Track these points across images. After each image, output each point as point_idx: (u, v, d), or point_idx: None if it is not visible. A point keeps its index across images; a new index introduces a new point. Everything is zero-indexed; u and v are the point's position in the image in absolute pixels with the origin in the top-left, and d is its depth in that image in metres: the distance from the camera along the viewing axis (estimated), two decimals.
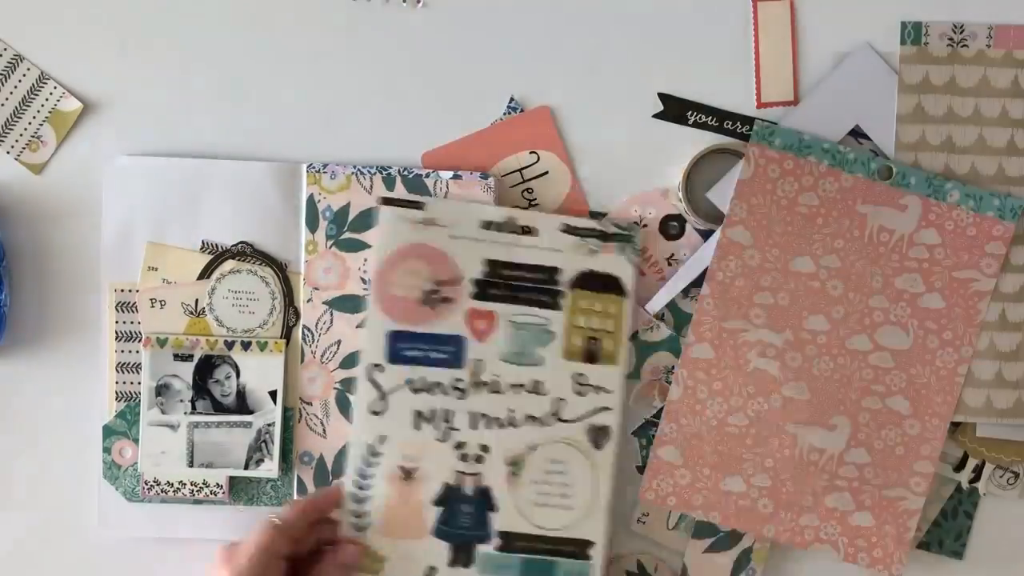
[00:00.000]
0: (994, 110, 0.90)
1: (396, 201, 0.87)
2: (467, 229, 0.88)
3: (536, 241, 0.88)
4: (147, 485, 0.90)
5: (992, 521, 0.93)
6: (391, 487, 0.87)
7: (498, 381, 0.88)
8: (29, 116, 0.89)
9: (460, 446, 0.88)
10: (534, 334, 0.88)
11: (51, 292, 0.91)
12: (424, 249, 0.88)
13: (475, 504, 0.88)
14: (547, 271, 0.88)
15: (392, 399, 0.87)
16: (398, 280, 0.87)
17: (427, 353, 0.88)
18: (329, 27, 0.90)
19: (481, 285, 0.88)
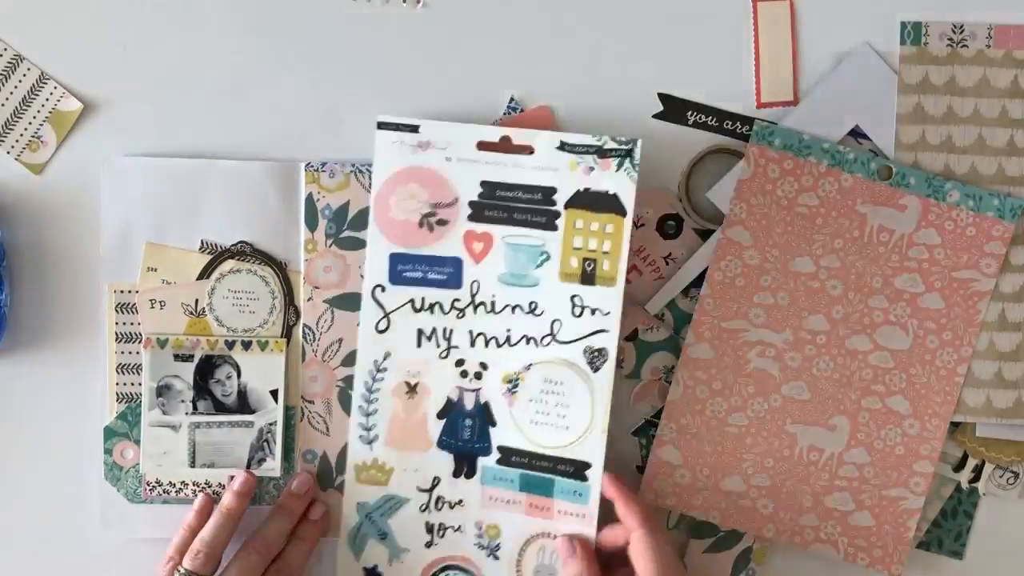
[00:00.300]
0: (994, 110, 0.89)
1: (392, 125, 0.87)
2: (463, 150, 0.87)
3: (532, 160, 0.87)
4: (149, 486, 0.90)
5: (992, 521, 0.93)
6: (397, 401, 0.89)
7: (495, 302, 0.88)
8: (29, 116, 0.89)
9: (460, 363, 0.89)
10: (530, 255, 0.88)
11: (51, 292, 0.90)
12: (421, 172, 0.87)
13: (476, 418, 0.89)
14: (543, 191, 0.87)
15: (395, 317, 0.88)
16: (397, 203, 0.87)
17: (426, 274, 0.88)
18: (329, 27, 0.90)
19: (477, 207, 0.88)
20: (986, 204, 0.89)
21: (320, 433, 0.90)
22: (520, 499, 0.89)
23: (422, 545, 0.90)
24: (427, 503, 0.89)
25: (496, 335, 0.88)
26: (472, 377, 0.89)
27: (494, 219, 0.88)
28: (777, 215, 0.89)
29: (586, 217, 0.87)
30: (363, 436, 0.89)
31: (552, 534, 0.89)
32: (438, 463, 0.89)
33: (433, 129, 0.87)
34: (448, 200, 0.87)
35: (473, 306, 0.88)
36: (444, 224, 0.88)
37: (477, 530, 0.90)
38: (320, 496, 0.91)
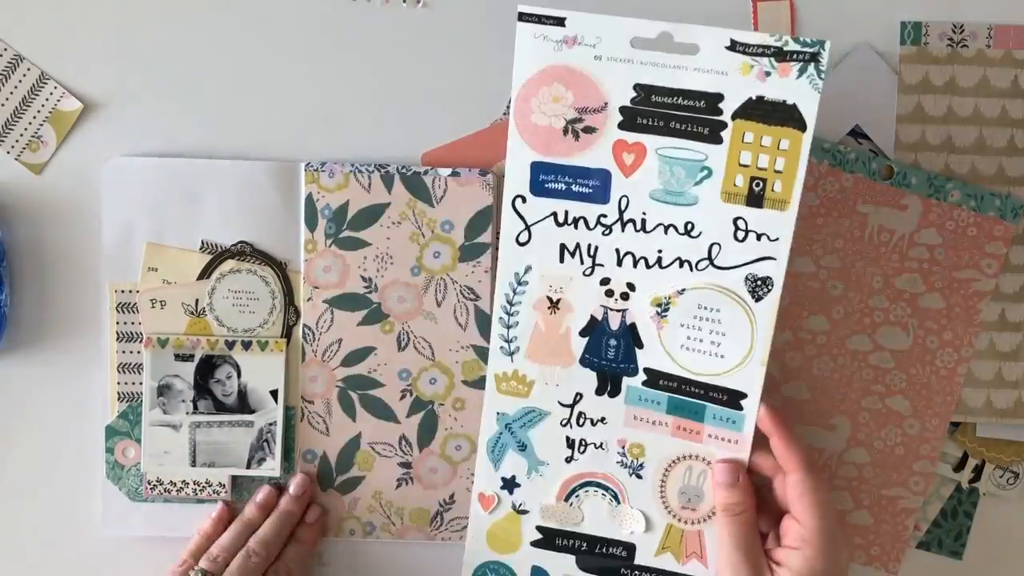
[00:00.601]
0: (994, 110, 0.89)
1: (535, 17, 0.80)
2: (615, 48, 0.79)
3: (696, 61, 0.78)
4: (150, 485, 0.90)
5: (992, 521, 0.92)
6: (539, 314, 0.84)
7: (646, 220, 0.81)
8: (29, 116, 0.89)
9: (605, 282, 0.83)
10: (689, 171, 0.79)
11: (51, 292, 0.91)
12: (566, 72, 0.80)
13: (621, 338, 0.83)
14: (708, 97, 0.78)
15: (536, 230, 0.82)
16: (539, 107, 0.80)
17: (570, 186, 0.81)
18: (329, 27, 0.90)
19: (630, 113, 0.79)
20: (987, 204, 0.88)
21: (320, 433, 0.90)
22: (667, 421, 0.84)
23: (562, 459, 0.86)
24: (568, 418, 0.85)
25: (646, 255, 0.82)
26: (618, 297, 0.83)
27: (649, 128, 0.79)
28: None
29: (757, 130, 0.78)
30: (504, 348, 0.84)
31: (701, 456, 0.84)
32: (581, 380, 0.84)
33: (581, 22, 0.79)
34: (597, 105, 0.80)
35: (621, 223, 0.81)
36: (591, 132, 0.80)
37: (620, 448, 0.85)
38: (319, 498, 0.91)
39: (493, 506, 0.87)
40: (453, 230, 0.89)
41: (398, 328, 0.90)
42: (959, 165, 0.89)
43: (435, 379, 0.91)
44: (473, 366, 0.91)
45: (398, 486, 0.91)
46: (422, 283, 0.90)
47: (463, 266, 0.90)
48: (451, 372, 0.91)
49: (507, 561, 0.88)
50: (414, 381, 0.90)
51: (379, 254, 0.89)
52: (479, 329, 0.90)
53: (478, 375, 0.90)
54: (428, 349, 0.90)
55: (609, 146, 0.80)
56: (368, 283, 0.89)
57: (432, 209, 0.89)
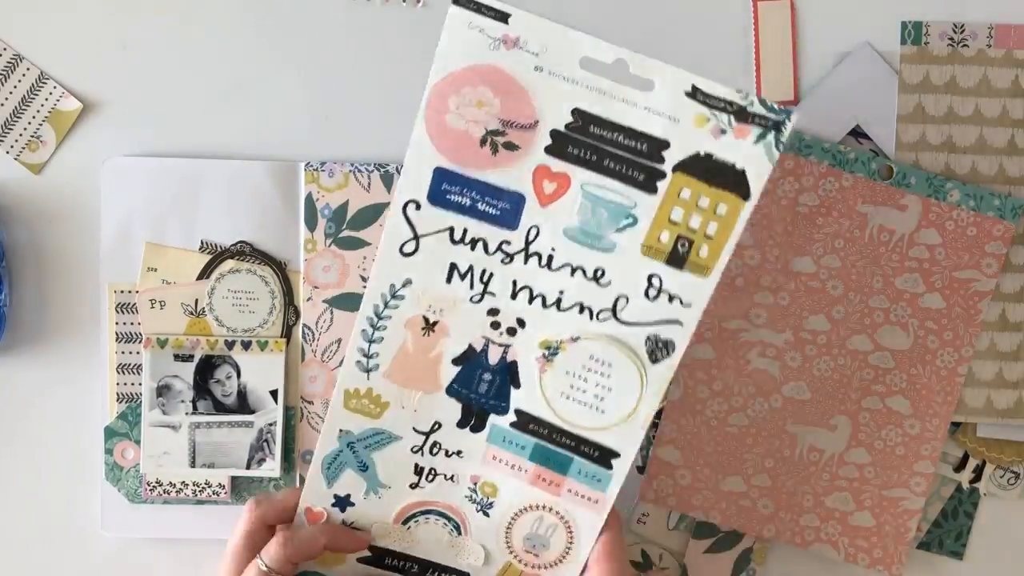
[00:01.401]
0: (994, 110, 0.89)
1: (473, 3, 0.70)
2: (560, 63, 0.70)
3: (648, 99, 0.70)
4: (149, 486, 0.90)
5: (992, 521, 0.92)
6: (409, 333, 0.76)
7: (553, 256, 0.74)
8: (29, 116, 0.89)
9: (494, 312, 0.76)
10: (613, 214, 0.72)
11: (51, 292, 0.90)
12: (498, 76, 0.70)
13: (498, 375, 0.77)
14: (652, 142, 0.70)
15: (425, 243, 0.74)
16: (457, 108, 0.71)
17: (476, 203, 0.73)
18: (329, 27, 0.89)
19: (561, 138, 0.71)
20: (987, 204, 0.88)
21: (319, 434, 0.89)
22: (528, 467, 0.79)
23: (406, 485, 0.80)
24: (421, 446, 0.79)
25: (545, 294, 0.75)
26: (504, 331, 0.76)
27: (579, 159, 0.71)
28: (778, 215, 0.88)
29: (697, 188, 0.71)
30: (360, 363, 0.77)
31: (555, 510, 0.79)
32: (443, 409, 0.78)
33: (528, 24, 0.69)
34: (526, 121, 0.71)
35: (526, 255, 0.74)
36: (513, 149, 0.72)
37: (471, 484, 0.80)
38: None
39: (321, 522, 0.81)
40: None
41: None
42: (959, 165, 0.89)
43: None
44: None
45: None
46: None
47: None
48: None
49: (330, 575, 0.84)
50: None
51: None
52: None
53: None
54: None
55: (530, 169, 0.72)
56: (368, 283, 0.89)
57: None
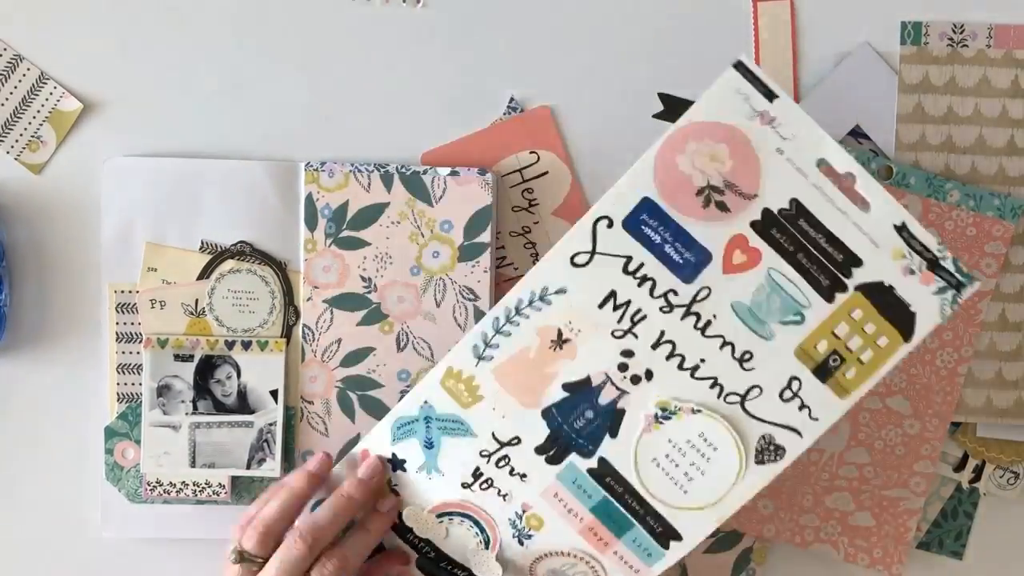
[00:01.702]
0: (994, 110, 0.89)
1: (750, 74, 0.73)
2: (800, 154, 0.72)
3: (860, 217, 0.72)
4: (150, 486, 0.90)
5: (992, 521, 0.92)
6: (538, 341, 0.75)
7: (711, 323, 0.74)
8: (29, 116, 0.89)
9: (627, 354, 0.75)
10: (785, 306, 0.73)
11: (51, 292, 0.90)
12: (742, 142, 0.72)
13: (600, 416, 0.76)
14: (848, 255, 0.72)
15: (599, 260, 0.74)
16: (692, 153, 0.73)
17: (665, 245, 0.73)
18: (329, 27, 0.89)
19: (770, 219, 0.73)
20: (986, 204, 0.88)
21: (319, 434, 0.90)
22: (585, 518, 0.78)
23: (459, 481, 0.79)
24: (491, 453, 0.78)
25: (685, 355, 0.74)
26: (629, 377, 0.75)
27: (776, 243, 0.73)
28: None
29: (868, 313, 0.73)
30: (476, 347, 0.76)
31: (592, 565, 0.78)
32: (530, 427, 0.77)
33: (788, 111, 0.72)
34: (747, 190, 0.73)
35: (686, 310, 0.74)
36: (723, 209, 0.73)
37: (520, 510, 0.78)
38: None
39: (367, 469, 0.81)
40: (452, 230, 0.88)
41: (397, 328, 0.89)
42: (959, 165, 0.89)
43: None
44: None
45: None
46: (421, 283, 0.89)
47: (462, 266, 0.89)
48: None
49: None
50: (413, 382, 0.89)
51: (378, 254, 0.89)
52: None
53: None
54: (427, 349, 0.90)
55: (729, 235, 0.73)
56: (367, 283, 0.89)
57: (431, 209, 0.88)
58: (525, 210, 0.90)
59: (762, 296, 0.74)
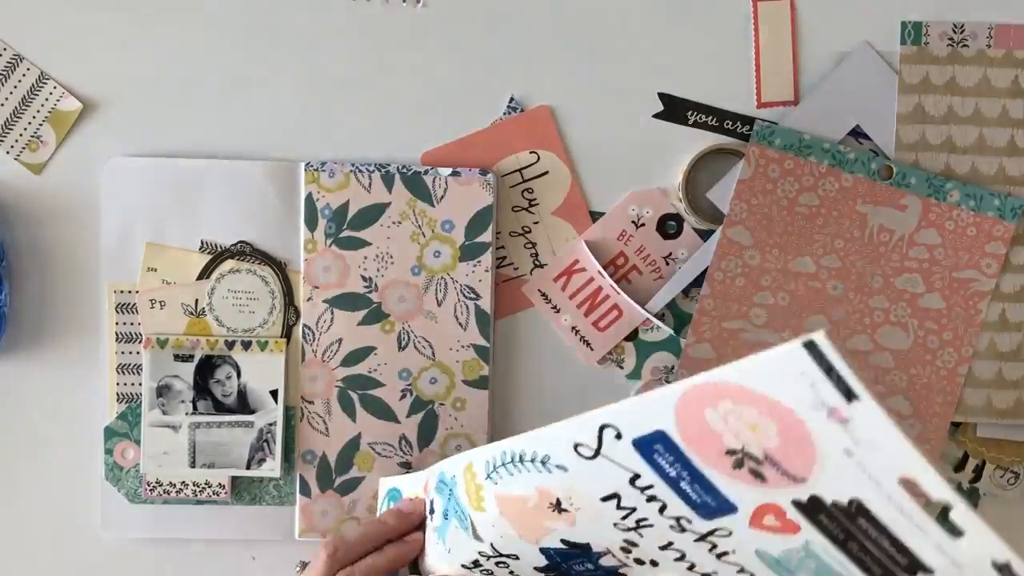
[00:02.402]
0: (994, 110, 0.89)
1: (824, 362, 0.55)
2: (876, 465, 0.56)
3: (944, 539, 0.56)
4: (149, 486, 0.89)
5: (992, 521, 0.86)
6: (537, 497, 0.68)
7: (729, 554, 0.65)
8: (29, 116, 0.88)
9: (632, 544, 0.68)
10: (820, 569, 0.62)
11: (51, 292, 0.90)
12: (798, 429, 0.57)
13: (601, 570, 0.71)
14: (918, 566, 0.58)
15: (601, 462, 0.64)
16: (727, 416, 0.58)
17: (681, 482, 0.62)
18: (329, 27, 0.89)
19: (819, 506, 0.59)
20: (986, 204, 0.88)
21: (320, 434, 0.90)
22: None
23: (460, 562, 0.74)
24: (490, 555, 0.72)
25: (696, 563, 0.67)
26: (633, 559, 0.69)
27: (823, 528, 0.60)
28: (778, 215, 0.88)
29: None
30: (487, 463, 0.70)
31: None
32: (530, 554, 0.71)
33: (870, 421, 0.55)
34: (794, 473, 0.58)
35: (701, 537, 0.65)
36: (758, 478, 0.60)
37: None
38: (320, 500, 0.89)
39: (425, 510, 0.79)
40: (453, 230, 0.89)
41: (398, 328, 0.89)
42: (959, 165, 0.89)
43: (435, 379, 0.90)
44: (474, 365, 0.90)
45: None
46: (422, 283, 0.89)
47: (463, 265, 0.89)
48: (451, 372, 0.90)
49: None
50: (414, 381, 0.90)
51: (379, 254, 0.89)
52: (480, 329, 0.89)
53: (478, 374, 0.90)
54: (428, 349, 0.90)
55: (763, 500, 0.61)
56: (368, 283, 0.89)
57: (432, 209, 0.88)
58: (525, 210, 0.90)
59: (797, 556, 0.63)
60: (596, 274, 0.90)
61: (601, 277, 0.90)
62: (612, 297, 0.90)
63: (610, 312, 0.91)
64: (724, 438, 0.59)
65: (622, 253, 0.91)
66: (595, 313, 0.91)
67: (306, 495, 0.90)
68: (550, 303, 0.91)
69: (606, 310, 0.91)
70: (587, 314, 0.91)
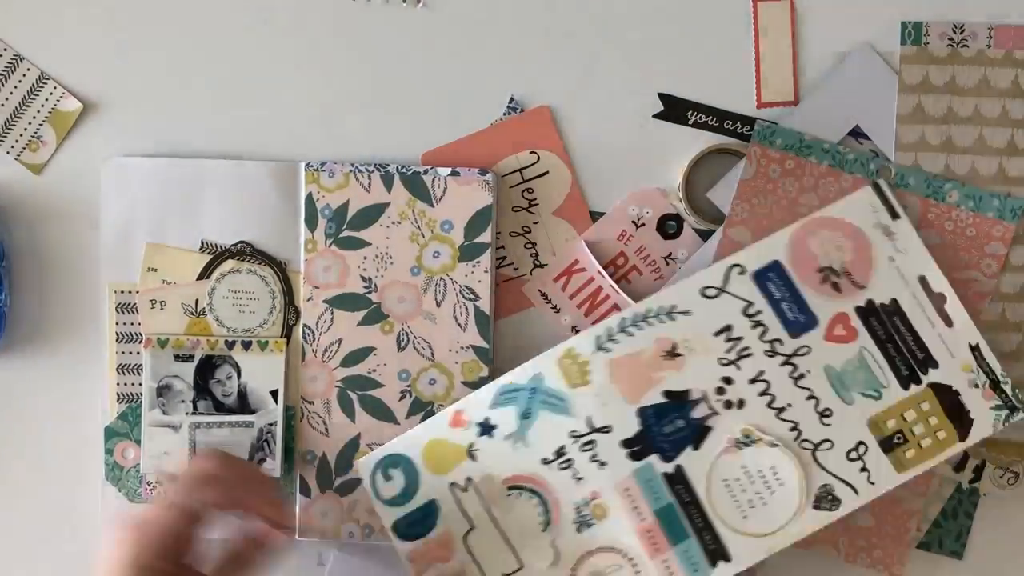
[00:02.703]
0: (994, 110, 0.88)
1: (883, 196, 0.85)
2: (908, 268, 0.84)
3: (945, 332, 0.85)
4: (150, 486, 0.89)
5: (992, 521, 0.91)
6: (653, 348, 0.83)
7: (804, 376, 0.83)
8: (29, 116, 0.88)
9: (727, 380, 0.83)
10: (868, 382, 0.84)
11: (51, 292, 0.90)
12: (864, 243, 0.84)
13: (688, 428, 0.83)
14: (929, 357, 0.84)
15: (724, 298, 0.84)
16: (823, 240, 0.84)
17: (782, 302, 0.84)
18: (329, 27, 0.89)
19: (871, 309, 0.84)
20: (986, 204, 0.87)
21: (319, 434, 0.89)
22: (647, 518, 0.83)
23: (540, 455, 0.84)
24: (580, 435, 0.83)
25: (776, 395, 0.83)
26: (724, 401, 0.83)
27: (871, 329, 0.84)
28: (778, 215, 0.87)
29: (934, 408, 0.84)
30: (599, 337, 0.83)
31: (638, 567, 0.83)
32: (624, 421, 0.83)
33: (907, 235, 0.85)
34: (859, 281, 0.84)
35: (786, 359, 0.84)
36: (836, 289, 0.84)
37: (589, 496, 0.83)
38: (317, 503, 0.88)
39: (458, 428, 0.84)
40: (453, 230, 0.88)
41: (398, 328, 0.89)
42: (959, 165, 0.88)
43: (435, 380, 0.89)
44: (473, 367, 0.89)
45: None
46: (422, 283, 0.88)
47: (463, 266, 0.88)
48: (451, 373, 0.89)
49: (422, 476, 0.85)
50: (413, 382, 0.89)
51: (379, 254, 0.88)
52: (479, 329, 0.89)
53: (478, 376, 0.89)
54: (428, 349, 0.89)
55: (836, 310, 0.84)
56: (368, 283, 0.88)
57: (432, 209, 0.88)
58: (525, 210, 0.90)
59: (851, 367, 0.83)
60: (596, 274, 0.90)
61: (601, 277, 0.90)
62: (612, 297, 0.90)
63: (610, 312, 0.90)
64: (818, 258, 0.84)
65: (622, 253, 0.90)
66: (595, 313, 0.90)
67: (306, 495, 0.89)
68: (550, 303, 0.90)
69: (606, 310, 0.90)
70: (587, 314, 0.90)
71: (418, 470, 0.84)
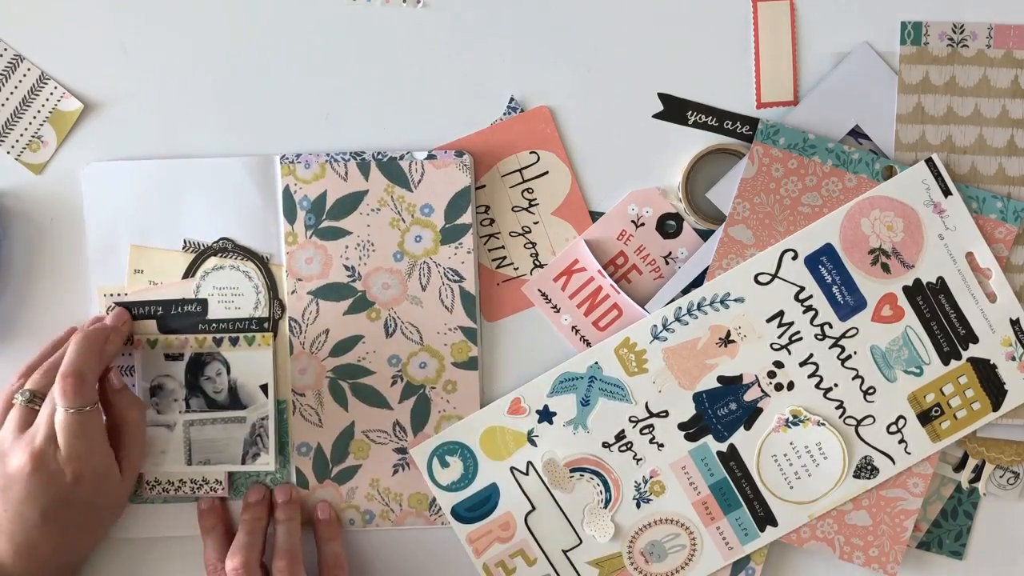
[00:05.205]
0: (994, 110, 0.83)
1: (936, 172, 0.81)
2: (956, 245, 0.81)
3: (988, 307, 0.81)
4: (148, 485, 0.84)
5: (992, 521, 0.86)
6: (708, 336, 0.82)
7: (851, 357, 0.81)
8: (29, 116, 0.83)
9: (778, 365, 0.82)
10: (911, 359, 0.82)
11: (51, 293, 0.84)
12: (914, 221, 0.81)
13: (741, 409, 0.83)
14: (970, 333, 0.81)
15: (777, 284, 0.81)
16: (874, 220, 0.81)
17: (832, 286, 0.81)
18: (329, 27, 0.83)
19: (918, 288, 0.81)
20: (989, 206, 0.82)
21: (313, 425, 0.84)
22: (703, 492, 0.83)
23: (600, 440, 0.83)
24: (639, 420, 0.83)
25: (824, 377, 0.82)
26: (774, 384, 0.82)
27: (918, 308, 0.81)
28: (780, 214, 0.82)
29: (972, 381, 0.82)
30: (655, 327, 0.82)
31: (694, 536, 0.84)
32: (680, 406, 0.83)
33: (957, 210, 0.81)
34: (908, 261, 0.81)
35: (835, 342, 0.82)
36: (885, 271, 0.81)
37: (647, 475, 0.83)
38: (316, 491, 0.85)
39: (517, 416, 0.84)
40: (433, 213, 0.83)
41: (384, 315, 0.84)
42: (959, 165, 0.83)
43: (425, 363, 0.84)
44: (462, 347, 0.84)
45: (395, 472, 0.85)
46: (405, 268, 0.83)
47: (445, 248, 0.83)
48: (440, 355, 0.84)
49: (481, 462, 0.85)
50: (404, 366, 0.84)
51: (360, 242, 0.83)
52: (465, 310, 0.84)
53: (467, 356, 0.84)
54: (416, 333, 0.84)
55: (884, 291, 0.81)
56: (351, 272, 0.83)
57: (411, 194, 0.82)
58: (525, 210, 0.85)
59: (896, 346, 0.81)
60: (596, 274, 0.85)
61: (601, 277, 0.84)
62: (612, 297, 0.85)
63: (610, 312, 0.85)
64: (870, 240, 0.81)
65: (622, 253, 0.85)
66: (595, 313, 0.85)
67: (304, 487, 0.85)
68: (550, 303, 0.85)
69: (606, 310, 0.85)
70: (587, 314, 0.85)
71: (476, 456, 0.84)
